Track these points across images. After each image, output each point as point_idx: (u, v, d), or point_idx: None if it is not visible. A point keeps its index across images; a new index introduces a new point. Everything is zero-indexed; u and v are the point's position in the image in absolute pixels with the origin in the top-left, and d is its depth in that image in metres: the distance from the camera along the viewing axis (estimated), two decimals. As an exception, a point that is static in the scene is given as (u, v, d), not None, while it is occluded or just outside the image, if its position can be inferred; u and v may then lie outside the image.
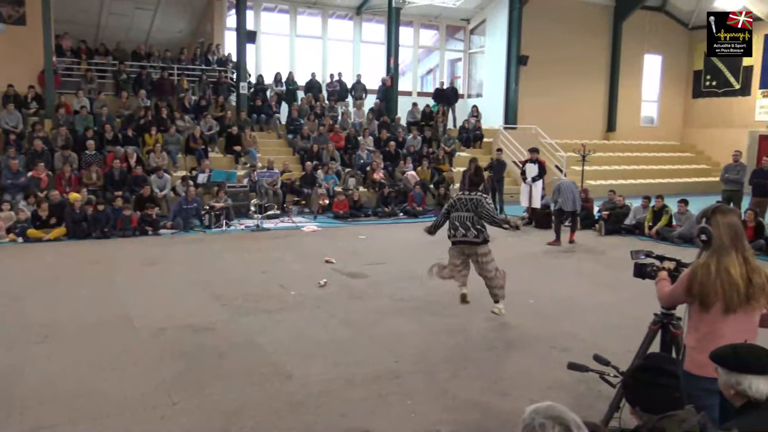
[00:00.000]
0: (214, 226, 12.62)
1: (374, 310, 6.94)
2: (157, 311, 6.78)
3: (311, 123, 17.77)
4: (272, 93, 18.80)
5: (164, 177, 13.84)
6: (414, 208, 14.83)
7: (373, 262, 9.56)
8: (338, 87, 19.67)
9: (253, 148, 16.23)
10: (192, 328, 6.18)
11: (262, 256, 9.96)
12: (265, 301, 7.24)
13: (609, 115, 23.56)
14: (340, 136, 17.53)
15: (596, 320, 6.68)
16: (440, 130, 19.18)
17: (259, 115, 17.99)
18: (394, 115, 19.34)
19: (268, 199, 14.43)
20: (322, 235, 12.24)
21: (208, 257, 9.90)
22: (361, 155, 17.05)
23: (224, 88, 18.02)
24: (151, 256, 9.84)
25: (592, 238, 12.22)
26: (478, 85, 23.44)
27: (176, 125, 15.84)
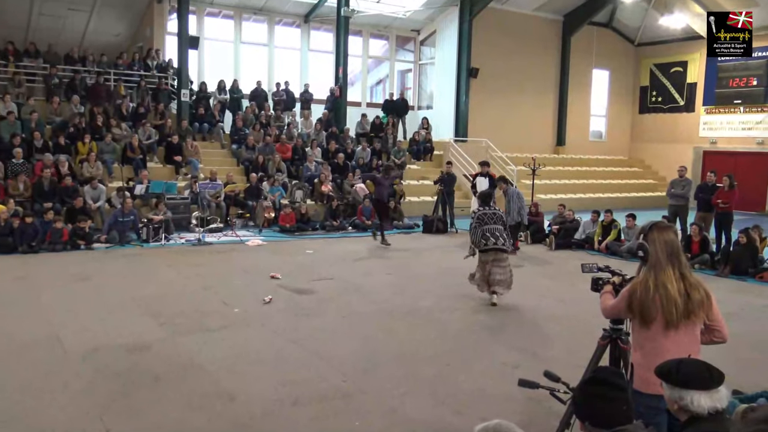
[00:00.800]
0: (152, 240, 12.33)
1: (321, 327, 6.90)
2: (89, 330, 6.57)
3: (256, 133, 17.61)
4: (215, 101, 18.56)
5: (99, 188, 13.45)
6: (363, 221, 14.85)
7: (321, 277, 9.53)
8: (285, 96, 19.60)
9: (194, 159, 15.97)
10: (127, 348, 6.01)
11: (203, 271, 9.80)
12: (206, 318, 7.10)
13: (558, 129, 24.23)
14: (287, 147, 17.43)
15: (547, 334, 6.82)
16: (390, 141, 19.31)
17: (202, 123, 17.74)
18: (342, 126, 19.37)
19: (210, 211, 14.20)
20: (267, 249, 12.12)
21: (145, 273, 9.67)
22: (308, 167, 16.99)
23: (164, 95, 17.69)
24: (83, 272, 9.53)
25: (542, 252, 12.49)
26: (428, 97, 23.75)
27: (112, 133, 15.45)
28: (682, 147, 23.44)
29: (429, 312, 7.64)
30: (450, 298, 8.43)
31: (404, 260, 11.30)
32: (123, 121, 16.14)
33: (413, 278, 9.70)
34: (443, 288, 9.03)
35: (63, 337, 6.30)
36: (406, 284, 9.24)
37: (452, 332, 6.84)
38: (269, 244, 12.69)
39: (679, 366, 2.40)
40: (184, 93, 17.25)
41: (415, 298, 8.37)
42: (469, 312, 7.70)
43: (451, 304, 8.09)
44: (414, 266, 10.75)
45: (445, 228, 14.68)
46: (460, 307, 7.94)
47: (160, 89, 17.63)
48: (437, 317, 7.42)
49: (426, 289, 8.88)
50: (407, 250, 12.38)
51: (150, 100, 17.42)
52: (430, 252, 12.33)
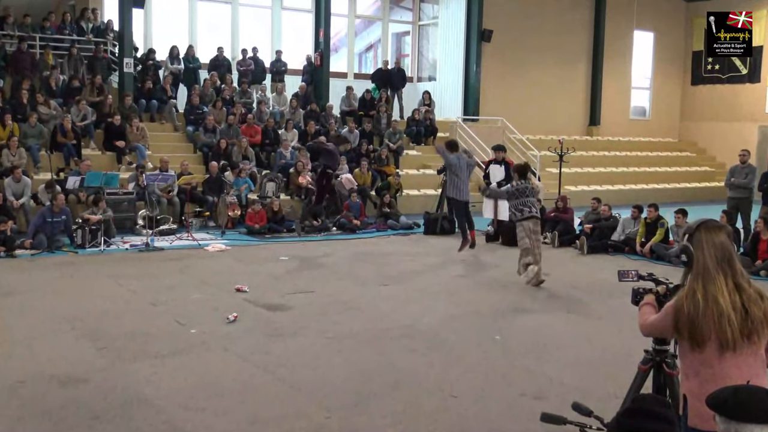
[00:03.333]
0: (88, 245, 12.32)
1: (300, 351, 6.92)
2: (14, 358, 6.57)
3: (217, 111, 17.60)
4: (166, 72, 18.55)
5: (22, 180, 13.42)
6: (350, 220, 14.89)
7: (298, 290, 9.54)
8: (252, 66, 19.61)
9: (140, 144, 15.96)
10: (59, 379, 6.02)
11: (152, 283, 9.78)
12: (156, 342, 7.12)
13: (592, 106, 24.35)
14: (255, 129, 17.44)
15: (575, 358, 6.87)
16: (383, 122, 19.36)
17: (150, 100, 17.73)
18: (324, 103, 19.39)
19: (160, 209, 14.19)
20: (231, 255, 12.12)
21: (80, 286, 9.64)
22: (282, 154, 17.00)
23: (103, 66, 17.68)
24: (3, 285, 9.49)
25: (572, 257, 12.56)
26: (430, 66, 23.82)
27: (39, 113, 15.42)
28: (744, 126, 23.59)
29: (432, 332, 7.68)
30: (458, 314, 8.48)
31: (402, 268, 11.33)
32: (52, 98, 16.13)
33: (413, 290, 9.73)
34: (450, 302, 9.07)
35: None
36: (404, 298, 9.28)
37: (460, 356, 6.89)
38: (234, 249, 12.68)
39: (735, 395, 2.43)
40: (128, 62, 17.24)
41: (415, 315, 8.41)
42: (480, 331, 7.74)
43: (459, 321, 8.13)
44: (414, 275, 10.79)
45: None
46: (470, 325, 7.99)
47: (97, 58, 17.62)
48: (442, 338, 7.46)
49: (429, 304, 8.93)
50: (406, 256, 12.41)
51: (85, 71, 17.40)
52: (434, 258, 12.37)
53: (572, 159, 18.89)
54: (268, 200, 14.99)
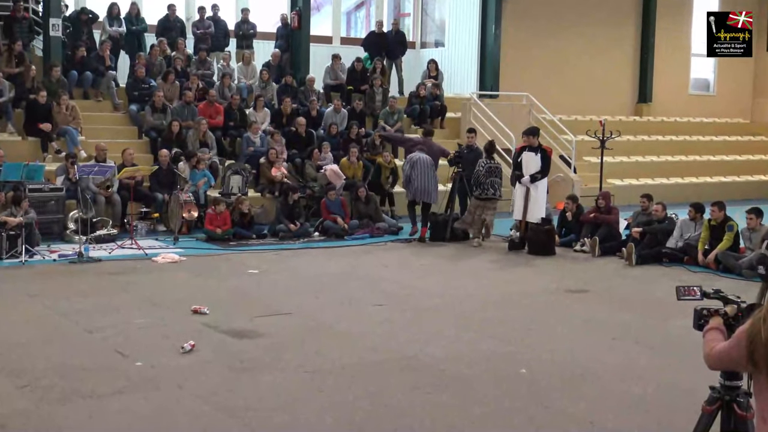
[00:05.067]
0: (6, 255, 12.29)
1: (273, 389, 6.90)
2: None
3: (168, 86, 17.59)
4: (104, 36, 18.55)
5: None
6: (336, 222, 14.87)
7: (272, 311, 9.52)
8: (212, 28, 19.62)
9: (71, 127, 15.94)
10: (-31, 425, 5.99)
11: (87, 304, 9.72)
12: (92, 378, 7.07)
13: (641, 79, 24.40)
14: (217, 109, 17.43)
15: (621, 397, 6.86)
16: (378, 99, 19.37)
17: (82, 72, 17.71)
18: (304, 75, 19.41)
19: (97, 210, 14.15)
20: (187, 268, 12.10)
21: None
22: (250, 139, 17.00)
23: (23, 29, 17.67)
24: None
25: (617, 268, 12.56)
26: (437, 29, 23.85)
27: (-59, 89, 15.42)
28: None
29: (440, 364, 7.67)
30: (472, 341, 8.46)
31: (402, 283, 11.31)
32: (-42, 70, 16.11)
33: (415, 312, 9.73)
34: (462, 326, 9.06)
35: None
36: (404, 321, 9.27)
37: (476, 395, 6.86)
38: (190, 259, 12.67)
39: None
40: (55, 24, 17.22)
41: (418, 342, 8.38)
42: (501, 362, 7.73)
43: (473, 350, 8.12)
44: (417, 293, 10.77)
45: (466, 233, 14.71)
46: (487, 355, 7.97)
47: (15, 18, 17.61)
48: (453, 372, 7.44)
49: (435, 329, 8.91)
50: (406, 269, 12.40)
51: (1, 35, 17.36)
52: (442, 270, 12.38)
53: (617, 145, 18.93)
54: (234, 198, 14.97)
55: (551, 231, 13.69)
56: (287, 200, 14.97)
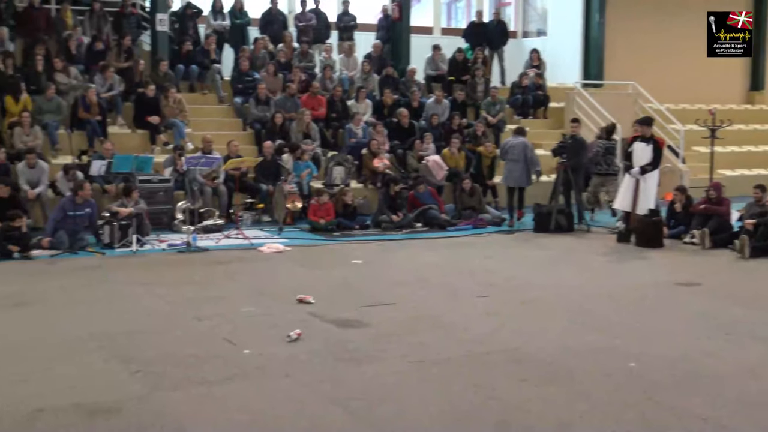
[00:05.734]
0: (117, 244, 12.64)
1: (379, 380, 6.91)
2: (30, 382, 6.73)
3: (272, 79, 17.80)
4: (209, 31, 18.87)
5: (38, 166, 13.88)
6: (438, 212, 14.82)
7: (376, 302, 9.54)
8: (314, 21, 19.75)
9: (178, 120, 16.27)
10: (85, 408, 6.15)
11: (195, 293, 9.93)
12: (202, 365, 7.20)
13: (754, 64, 23.63)
14: (319, 100, 17.56)
15: (736, 395, 6.65)
16: (479, 89, 19.24)
17: (189, 66, 18.06)
18: (404, 66, 19.39)
19: (204, 201, 14.43)
20: (291, 258, 12.23)
21: (108, 295, 9.87)
22: (353, 130, 17.07)
23: (131, 24, 18.09)
24: (17, 294, 9.79)
25: (728, 263, 12.22)
26: (539, 18, 23.55)
27: (57, 83, 15.90)
28: None
29: (547, 357, 7.56)
30: (579, 334, 8.33)
31: (506, 275, 11.25)
32: (72, 64, 16.59)
33: (521, 304, 9.64)
34: (569, 320, 8.92)
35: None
36: (509, 313, 9.20)
37: (584, 388, 6.74)
38: (294, 250, 12.81)
39: None
40: (162, 19, 17.60)
41: (524, 335, 8.30)
42: (609, 357, 7.57)
43: (581, 344, 7.98)
44: (522, 285, 10.67)
45: (570, 224, 14.53)
46: (595, 349, 7.82)
47: (124, 15, 18.04)
48: (560, 365, 7.33)
49: (541, 322, 8.81)
50: (510, 260, 12.31)
51: (111, 31, 17.82)
52: (546, 262, 12.25)
53: (728, 134, 18.42)
54: (337, 189, 15.06)
55: (659, 223, 13.37)
56: (389, 191, 15.00)
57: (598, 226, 14.76)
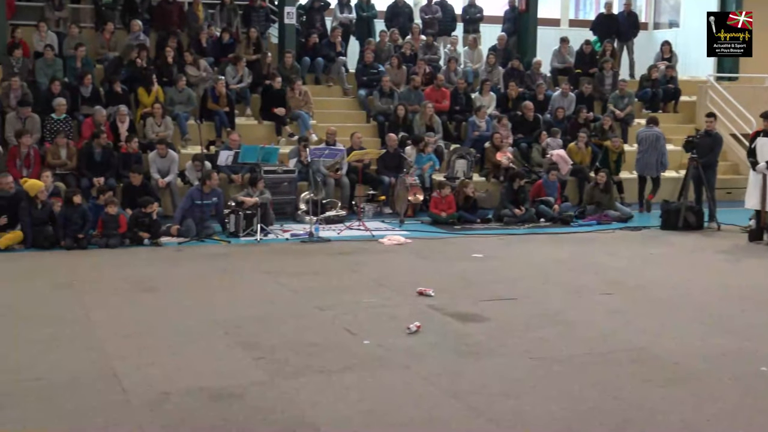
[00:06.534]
0: (243, 233, 12.93)
1: (498, 374, 6.87)
2: (157, 366, 6.95)
3: (396, 71, 17.89)
4: (335, 23, 19.08)
5: (169, 155, 14.32)
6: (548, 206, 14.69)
7: (496, 296, 9.51)
8: (440, 13, 19.77)
9: (304, 111, 16.52)
10: (209, 393, 6.32)
11: (317, 282, 10.10)
12: (322, 354, 7.30)
13: None
14: (443, 93, 17.56)
15: None
16: (607, 82, 18.90)
17: (314, 58, 18.31)
18: (530, 59, 19.21)
19: (327, 192, 14.62)
20: (412, 250, 12.28)
21: (233, 282, 10.14)
22: (476, 123, 17.01)
23: (260, 17, 18.47)
24: (147, 279, 10.15)
25: None
26: (671, 9, 22.96)
27: (187, 75, 16.36)
28: None
29: (672, 358, 7.36)
30: (707, 336, 8.09)
31: (631, 273, 11.02)
32: (202, 57, 17.06)
33: (646, 303, 9.43)
34: (696, 320, 8.68)
35: (121, 373, 6.73)
36: (634, 312, 9.00)
37: (712, 391, 6.53)
38: (415, 242, 12.86)
39: None
40: (289, 12, 17.91)
41: (649, 334, 8.11)
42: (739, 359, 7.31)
43: (709, 346, 7.76)
44: (647, 283, 10.43)
45: (699, 222, 14.12)
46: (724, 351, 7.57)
47: (253, 8, 18.42)
48: (686, 367, 7.13)
49: (667, 322, 8.59)
50: (636, 257, 12.09)
51: (240, 24, 18.23)
52: (674, 260, 11.99)
53: None
54: (459, 182, 15.03)
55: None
56: (512, 185, 14.89)
57: (729, 225, 14.27)
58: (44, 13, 17.03)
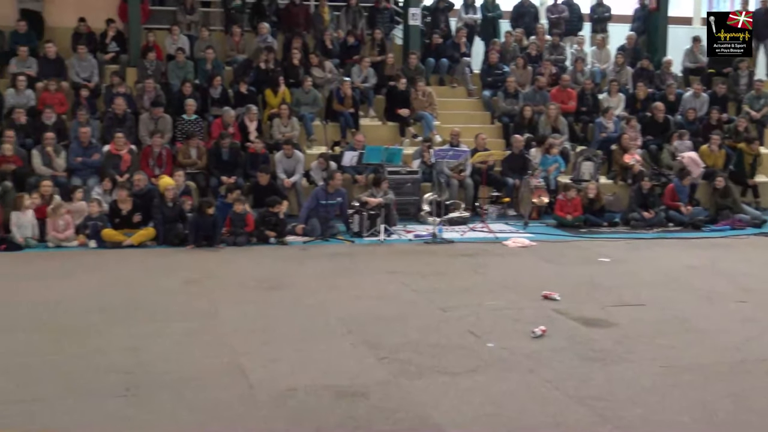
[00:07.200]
0: (366, 233, 13.06)
1: (626, 382, 6.74)
2: (283, 362, 7.09)
3: (521, 72, 17.76)
4: (460, 24, 19.07)
5: (294, 156, 14.58)
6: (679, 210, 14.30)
7: (624, 302, 9.37)
8: (566, 13, 19.54)
9: (427, 112, 16.56)
10: (335, 391, 6.40)
11: (441, 284, 10.12)
12: (445, 356, 7.31)
13: None
14: (569, 94, 17.35)
15: None
16: (742, 82, 18.31)
17: (439, 59, 18.33)
18: (660, 58, 18.77)
19: (450, 193, 14.62)
20: (537, 253, 12.19)
21: (357, 282, 10.24)
22: (603, 125, 16.73)
23: (385, 18, 18.61)
24: (273, 277, 10.40)
25: None
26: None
27: (313, 76, 16.62)
28: None
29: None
30: None
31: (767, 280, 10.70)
32: (327, 58, 17.29)
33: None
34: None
35: (248, 368, 6.91)
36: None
37: None
38: (540, 245, 12.77)
39: None
40: (414, 13, 17.97)
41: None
42: None
43: None
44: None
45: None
46: None
47: (378, 9, 18.55)
48: None
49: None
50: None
51: (365, 25, 18.41)
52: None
53: None
54: (585, 185, 14.83)
55: None
56: (641, 188, 14.60)
57: None
58: (176, 16, 17.60)
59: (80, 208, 12.57)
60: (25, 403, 6.07)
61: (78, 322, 8.30)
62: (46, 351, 7.36)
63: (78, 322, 8.30)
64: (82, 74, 15.85)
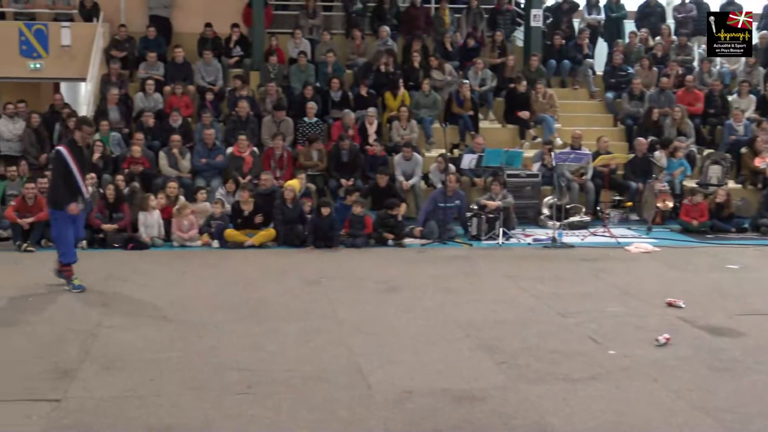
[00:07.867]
0: (484, 236, 13.01)
1: (755, 394, 6.53)
2: (401, 364, 7.13)
3: (646, 73, 17.42)
4: (583, 24, 18.83)
5: (413, 158, 14.64)
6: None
7: (754, 310, 9.12)
8: (694, 12, 19.10)
9: (548, 115, 16.40)
10: (452, 395, 6.40)
11: (560, 288, 10.02)
12: (565, 362, 7.23)
13: None
14: (696, 95, 16.97)
15: None
16: None
17: (560, 60, 18.13)
18: (796, 58, 18.16)
19: (571, 197, 14.45)
20: (661, 259, 11.98)
21: (475, 286, 10.23)
22: (733, 127, 16.29)
23: (506, 20, 18.51)
24: (391, 279, 10.46)
25: None
26: None
27: (432, 79, 16.67)
28: None
29: None
30: None
31: None
32: (447, 61, 17.31)
33: None
34: None
35: (366, 369, 6.98)
36: None
37: None
38: (664, 250, 12.56)
39: None
40: (536, 14, 17.83)
41: None
42: None
43: None
44: None
45: None
46: None
47: (500, 11, 18.50)
48: None
49: None
50: None
51: (485, 27, 18.35)
52: None
53: None
54: (712, 189, 14.45)
55: None
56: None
57: None
58: (299, 21, 17.92)
59: (204, 208, 12.94)
60: (146, 399, 6.26)
61: (200, 319, 8.54)
62: (167, 347, 7.59)
63: (200, 319, 8.54)
64: (207, 78, 16.35)
